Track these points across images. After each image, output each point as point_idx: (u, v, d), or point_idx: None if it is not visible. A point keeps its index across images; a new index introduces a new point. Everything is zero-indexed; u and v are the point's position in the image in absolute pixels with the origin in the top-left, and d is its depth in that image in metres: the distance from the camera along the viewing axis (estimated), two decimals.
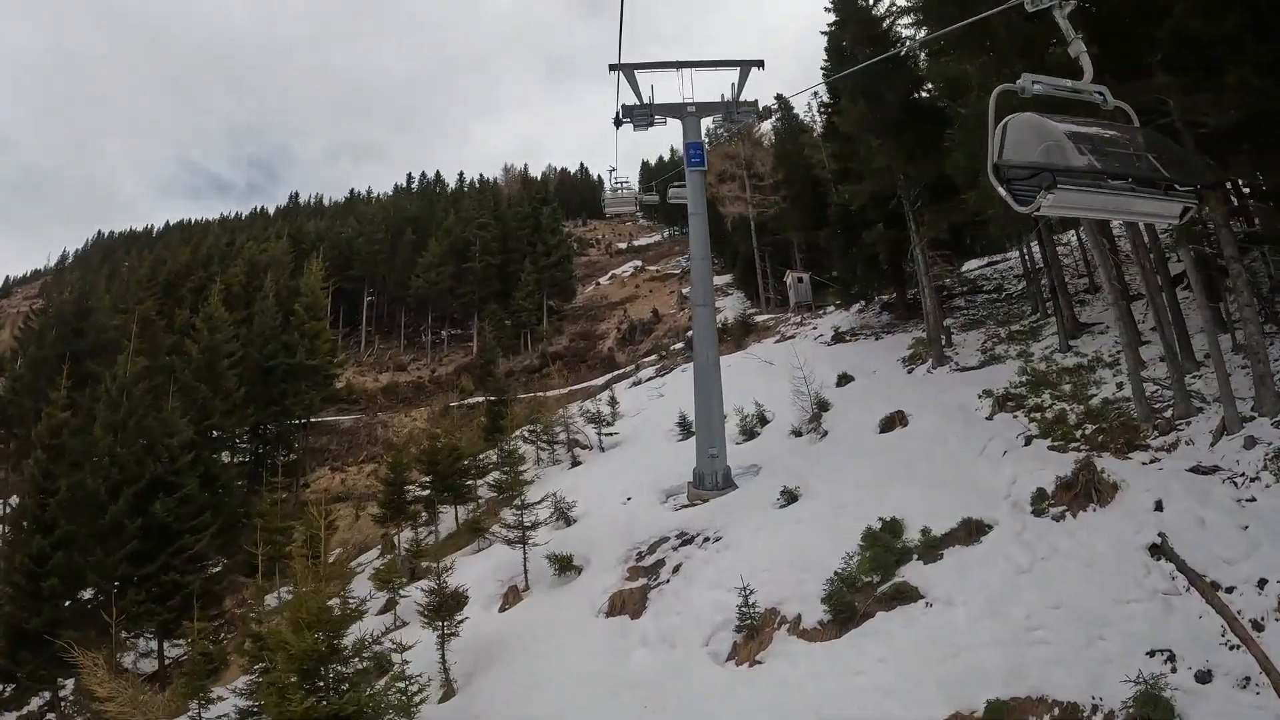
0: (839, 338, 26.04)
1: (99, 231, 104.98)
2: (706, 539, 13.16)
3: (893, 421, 16.34)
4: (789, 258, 41.30)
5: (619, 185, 29.56)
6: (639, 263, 66.45)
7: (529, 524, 14.42)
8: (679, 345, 32.98)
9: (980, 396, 16.01)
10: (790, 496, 13.38)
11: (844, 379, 20.28)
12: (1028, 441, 13.30)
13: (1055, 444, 12.96)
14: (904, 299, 26.22)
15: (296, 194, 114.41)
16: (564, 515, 16.56)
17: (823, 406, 18.24)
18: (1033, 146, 3.40)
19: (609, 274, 65.05)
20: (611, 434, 22.29)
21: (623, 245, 77.39)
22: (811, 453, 15.96)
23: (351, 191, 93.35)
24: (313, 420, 39.11)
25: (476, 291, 51.00)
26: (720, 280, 53.79)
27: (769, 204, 40.20)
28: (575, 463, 21.44)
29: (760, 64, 15.62)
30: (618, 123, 13.84)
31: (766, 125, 46.56)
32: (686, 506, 15.47)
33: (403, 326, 54.98)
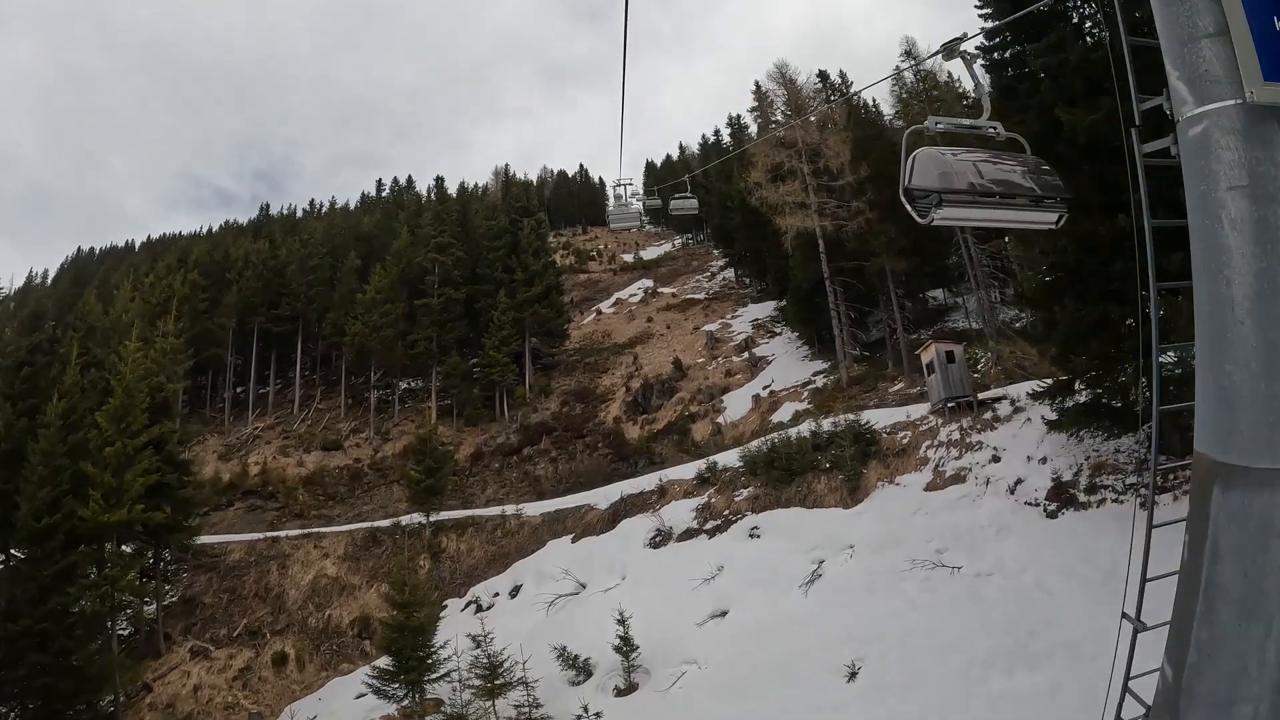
0: (1063, 495, 13.18)
1: (79, 247, 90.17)
2: None
3: None
4: (873, 292, 28.28)
5: (623, 186, 18.30)
6: (649, 283, 53.28)
7: None
8: (736, 463, 19.71)
9: None
10: None
11: None
12: None
13: None
14: (1179, 426, 13.17)
15: (267, 205, 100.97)
16: None
17: None
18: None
19: (613, 298, 52.02)
20: None
21: (629, 257, 64.32)
22: None
23: (312, 203, 79.83)
24: (197, 541, 26.70)
25: (434, 337, 38.00)
26: (761, 310, 40.79)
27: (843, 211, 27.20)
28: None
29: None
30: None
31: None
32: None
33: (344, 382, 41.97)
